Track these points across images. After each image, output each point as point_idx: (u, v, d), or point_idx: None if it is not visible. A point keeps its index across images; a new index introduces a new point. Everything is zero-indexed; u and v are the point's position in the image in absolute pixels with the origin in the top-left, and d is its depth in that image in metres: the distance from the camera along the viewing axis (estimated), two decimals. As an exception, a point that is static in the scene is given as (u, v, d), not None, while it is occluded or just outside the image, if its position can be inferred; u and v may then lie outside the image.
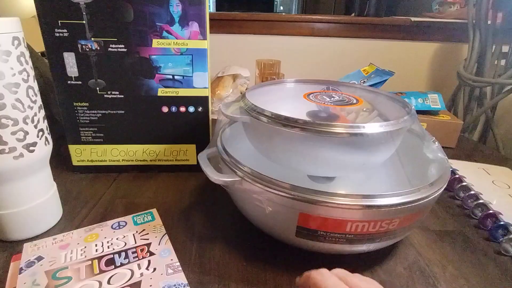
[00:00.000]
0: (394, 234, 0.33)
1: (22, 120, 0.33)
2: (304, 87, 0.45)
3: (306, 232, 0.32)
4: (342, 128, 0.31)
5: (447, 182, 0.34)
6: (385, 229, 0.31)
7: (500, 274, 0.35)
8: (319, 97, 0.40)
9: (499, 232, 0.40)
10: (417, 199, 0.30)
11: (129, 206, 0.44)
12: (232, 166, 0.34)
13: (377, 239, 0.32)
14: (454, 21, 1.02)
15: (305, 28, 1.05)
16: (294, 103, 0.41)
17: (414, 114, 0.36)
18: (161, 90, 0.47)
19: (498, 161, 0.62)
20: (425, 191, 0.31)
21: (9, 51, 0.31)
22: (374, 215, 0.30)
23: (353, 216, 0.30)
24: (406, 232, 0.35)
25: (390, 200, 0.30)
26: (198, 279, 0.32)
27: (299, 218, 0.31)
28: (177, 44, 0.45)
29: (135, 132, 0.50)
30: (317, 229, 0.32)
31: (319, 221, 0.31)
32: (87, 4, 0.42)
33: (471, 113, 0.94)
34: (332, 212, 0.30)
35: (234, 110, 0.37)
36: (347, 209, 0.30)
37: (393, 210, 0.30)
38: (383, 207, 0.29)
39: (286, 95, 0.46)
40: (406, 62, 1.09)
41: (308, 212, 0.31)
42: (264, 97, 0.40)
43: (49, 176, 0.39)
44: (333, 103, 0.39)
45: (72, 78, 0.46)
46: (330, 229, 0.31)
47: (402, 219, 0.31)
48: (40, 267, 0.31)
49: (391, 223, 0.31)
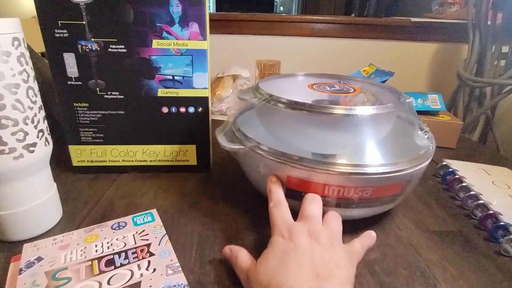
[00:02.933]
0: (369, 203, 0.37)
1: (22, 121, 0.33)
2: (310, 79, 0.51)
3: (293, 194, 0.37)
4: (339, 110, 0.37)
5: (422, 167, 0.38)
6: (359, 196, 0.36)
7: (500, 275, 0.35)
8: (321, 87, 0.47)
9: (499, 233, 0.40)
10: (383, 172, 0.35)
11: (129, 207, 0.44)
12: (241, 138, 0.41)
13: (353, 205, 0.37)
14: (454, 21, 1.02)
15: (305, 28, 1.05)
16: (300, 92, 0.46)
17: (404, 103, 0.41)
18: (161, 91, 0.48)
19: (498, 161, 0.62)
20: (393, 167, 0.35)
21: (9, 51, 0.31)
22: (347, 181, 0.35)
23: (329, 180, 0.35)
24: (383, 204, 0.39)
25: (362, 169, 0.35)
26: (198, 280, 0.32)
27: (287, 180, 0.37)
28: (177, 45, 0.45)
29: (135, 132, 0.50)
30: (301, 191, 0.37)
31: (302, 184, 0.36)
32: (87, 4, 0.42)
33: (471, 114, 0.94)
34: (312, 176, 0.35)
35: (249, 96, 0.43)
36: (324, 173, 0.35)
37: (364, 179, 0.35)
38: (353, 174, 0.34)
39: (293, 85, 0.51)
40: (406, 62, 1.09)
41: (294, 175, 0.36)
42: (275, 86, 0.45)
43: (49, 176, 0.39)
44: (332, 91, 0.45)
45: (72, 78, 0.46)
46: (312, 191, 0.36)
47: (375, 189, 0.36)
48: (40, 268, 0.31)
49: (364, 190, 0.36)
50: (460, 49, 1.06)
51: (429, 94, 0.69)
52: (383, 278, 0.34)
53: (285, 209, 0.35)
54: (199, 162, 0.53)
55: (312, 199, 0.35)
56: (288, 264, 0.28)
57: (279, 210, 0.34)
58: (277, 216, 0.34)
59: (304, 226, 0.31)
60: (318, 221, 0.33)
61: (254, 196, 0.47)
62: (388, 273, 0.34)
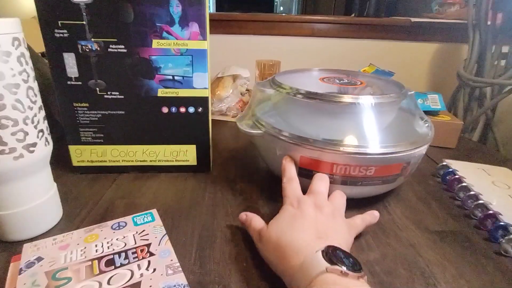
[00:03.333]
0: (373, 181, 0.42)
1: (22, 121, 0.33)
2: (322, 74, 0.56)
3: (305, 172, 0.42)
4: (347, 98, 0.42)
5: (417, 152, 0.43)
6: (364, 174, 0.41)
7: (500, 275, 0.35)
8: (331, 80, 0.52)
9: (499, 233, 0.40)
10: (384, 153, 0.40)
11: (129, 207, 0.44)
12: (258, 124, 0.46)
13: (358, 182, 0.42)
14: (454, 21, 1.02)
15: (305, 28, 1.05)
16: (313, 84, 0.50)
17: (405, 94, 0.46)
18: (161, 91, 0.48)
19: (498, 161, 0.62)
20: (393, 148, 0.40)
21: (9, 51, 0.31)
22: (353, 160, 0.40)
23: (337, 160, 0.40)
24: (385, 183, 0.43)
25: (364, 149, 0.40)
26: (198, 280, 0.32)
27: (300, 159, 0.42)
28: (177, 45, 0.45)
29: (135, 132, 0.50)
30: (312, 169, 0.42)
31: (313, 163, 0.41)
32: (87, 4, 0.42)
33: (471, 114, 0.94)
34: (322, 155, 0.40)
35: (267, 88, 0.49)
36: (332, 153, 0.40)
37: (367, 158, 0.40)
38: (358, 154, 0.39)
39: (307, 79, 0.55)
40: (406, 62, 1.09)
41: (306, 155, 0.41)
42: (290, 79, 0.49)
43: (49, 176, 0.39)
44: (341, 84, 0.50)
45: (72, 78, 0.46)
46: (321, 169, 0.41)
47: (377, 168, 0.41)
48: (40, 268, 0.31)
49: (368, 169, 0.40)
50: (460, 49, 1.06)
51: (429, 94, 0.69)
52: (383, 278, 0.34)
53: (296, 184, 0.40)
54: (199, 162, 0.53)
55: (320, 177, 0.40)
56: (295, 226, 0.33)
57: (291, 185, 0.39)
58: (289, 189, 0.39)
59: (311, 199, 0.36)
60: (324, 196, 0.38)
61: (254, 196, 0.47)
62: (388, 273, 0.34)
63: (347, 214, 0.38)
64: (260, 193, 0.48)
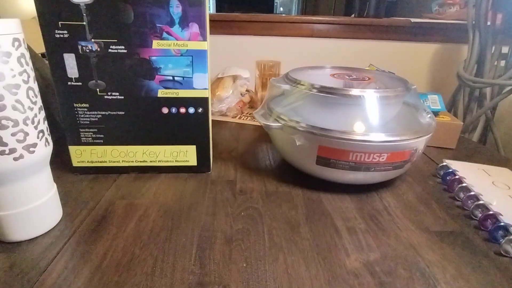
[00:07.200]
0: (385, 166, 0.46)
1: (22, 121, 0.33)
2: (332, 71, 0.61)
3: (323, 160, 0.47)
4: (352, 92, 0.46)
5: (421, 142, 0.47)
6: (377, 161, 0.45)
7: (500, 275, 0.35)
8: (341, 76, 0.56)
9: (499, 233, 0.40)
10: (395, 140, 0.44)
11: (129, 207, 0.44)
12: (276, 117, 0.50)
13: (371, 168, 0.45)
14: (453, 22, 1.02)
15: (305, 29, 1.05)
16: (324, 80, 0.53)
17: (409, 89, 0.50)
18: (161, 91, 0.48)
19: (498, 162, 0.62)
20: (403, 137, 0.44)
21: (9, 52, 0.31)
22: (369, 148, 0.44)
23: (353, 148, 0.44)
24: (395, 169, 0.47)
25: (378, 137, 0.43)
26: (198, 280, 0.32)
27: (318, 149, 0.46)
28: (177, 45, 0.45)
29: (135, 133, 0.50)
30: (330, 157, 0.46)
31: (331, 151, 0.45)
32: (87, 5, 0.42)
33: (471, 114, 0.95)
34: (340, 144, 0.44)
35: (282, 83, 0.53)
36: (349, 142, 0.44)
37: (380, 146, 0.44)
38: (373, 142, 0.43)
39: (318, 76, 0.58)
40: (406, 63, 1.09)
41: (324, 144, 0.45)
42: (302, 75, 0.54)
43: (49, 177, 0.39)
44: (350, 79, 0.54)
45: (72, 79, 0.46)
46: (338, 157, 0.45)
47: (389, 155, 0.45)
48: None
49: (381, 156, 0.44)
50: (460, 50, 1.06)
51: (429, 94, 0.69)
52: (383, 279, 0.34)
53: None
54: (199, 162, 0.53)
55: None
56: None
57: None
58: None
59: None
60: None
61: (254, 196, 0.47)
62: (388, 273, 0.34)
63: (348, 212, 0.37)
64: (260, 193, 0.48)
